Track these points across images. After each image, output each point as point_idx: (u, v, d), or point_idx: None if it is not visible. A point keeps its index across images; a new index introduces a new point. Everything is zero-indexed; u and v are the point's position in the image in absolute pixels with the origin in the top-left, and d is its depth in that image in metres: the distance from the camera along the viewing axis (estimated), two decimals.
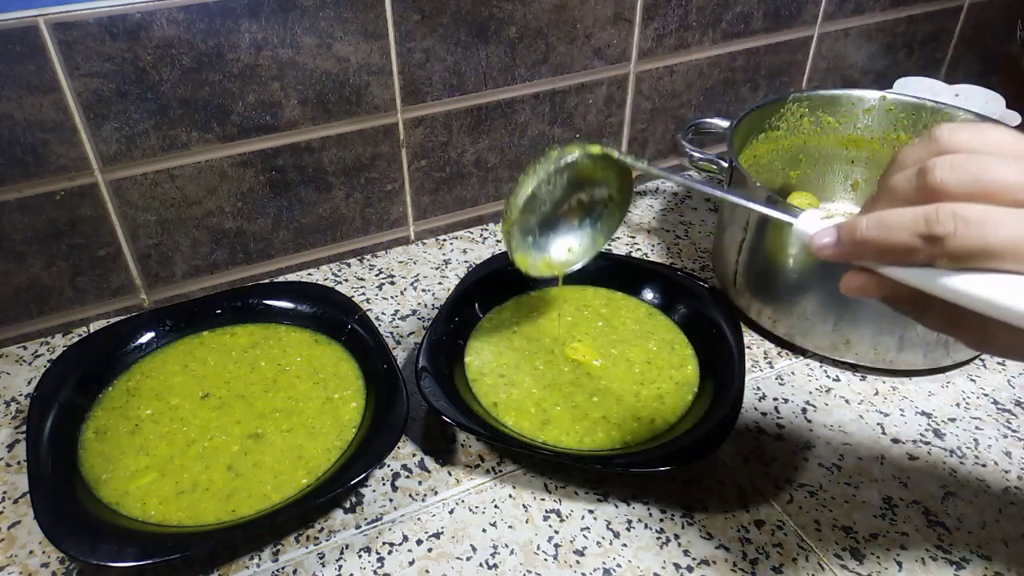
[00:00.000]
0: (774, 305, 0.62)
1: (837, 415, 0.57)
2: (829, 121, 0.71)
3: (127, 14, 0.55)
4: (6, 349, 0.64)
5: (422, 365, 0.55)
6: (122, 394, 0.56)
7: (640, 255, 0.74)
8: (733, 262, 0.64)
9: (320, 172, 0.68)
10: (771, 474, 0.53)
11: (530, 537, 0.49)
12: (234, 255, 0.69)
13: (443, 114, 0.71)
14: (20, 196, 0.58)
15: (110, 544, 0.44)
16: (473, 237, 0.77)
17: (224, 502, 0.49)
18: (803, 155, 0.74)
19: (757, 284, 0.62)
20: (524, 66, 0.72)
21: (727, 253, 0.65)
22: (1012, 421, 0.57)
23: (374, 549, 0.48)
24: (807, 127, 0.72)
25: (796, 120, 0.71)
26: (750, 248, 0.62)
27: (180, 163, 0.62)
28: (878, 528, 0.49)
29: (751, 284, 0.63)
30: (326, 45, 0.63)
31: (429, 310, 0.68)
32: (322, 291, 0.65)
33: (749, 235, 0.61)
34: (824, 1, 0.84)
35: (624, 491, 0.52)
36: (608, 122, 0.80)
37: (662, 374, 0.58)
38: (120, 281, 0.65)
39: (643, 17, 0.75)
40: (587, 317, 0.63)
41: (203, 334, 0.61)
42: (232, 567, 0.47)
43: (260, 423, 0.54)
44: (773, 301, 0.61)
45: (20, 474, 0.53)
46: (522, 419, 0.54)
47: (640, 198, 0.84)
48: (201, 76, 0.60)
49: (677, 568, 0.47)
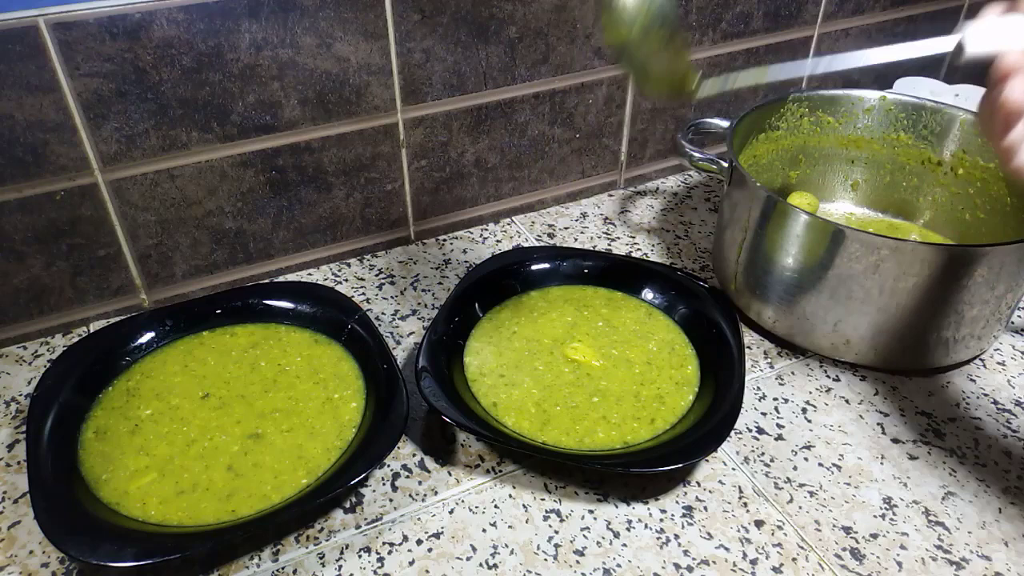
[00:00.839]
0: (774, 305, 0.62)
1: (837, 415, 0.57)
2: (829, 121, 0.71)
3: (127, 14, 0.55)
4: (6, 349, 0.64)
5: (422, 365, 0.55)
6: (122, 394, 0.56)
7: (640, 255, 0.74)
8: (733, 262, 0.64)
9: (320, 172, 0.68)
10: (771, 474, 0.53)
11: (530, 537, 0.49)
12: (234, 255, 0.69)
13: (443, 114, 0.71)
14: (20, 196, 0.58)
15: (110, 544, 0.44)
16: (473, 237, 0.77)
17: (224, 502, 0.49)
18: (803, 155, 0.74)
19: (757, 284, 0.62)
20: (524, 66, 0.72)
21: (727, 253, 0.65)
22: (1012, 421, 0.57)
23: (374, 549, 0.48)
24: (807, 127, 0.72)
25: (796, 120, 0.71)
26: (750, 248, 0.62)
27: (180, 163, 0.62)
28: (878, 528, 0.49)
29: (751, 284, 0.63)
30: (326, 45, 0.63)
31: (429, 310, 0.68)
32: (322, 291, 0.65)
33: (749, 235, 0.61)
34: (824, 1, 0.84)
35: (624, 491, 0.52)
36: (608, 122, 0.80)
37: (662, 374, 0.58)
38: (120, 281, 0.65)
39: None
40: (587, 317, 0.63)
41: (203, 334, 0.61)
42: (232, 567, 0.47)
43: (260, 423, 0.54)
44: (773, 301, 0.62)
45: (20, 474, 0.53)
46: (522, 419, 0.54)
47: (640, 198, 0.84)
48: (201, 76, 0.60)
49: (677, 568, 0.47)
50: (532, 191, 0.80)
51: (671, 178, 0.88)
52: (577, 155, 0.80)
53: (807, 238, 0.57)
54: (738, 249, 0.63)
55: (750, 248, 0.62)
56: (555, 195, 0.82)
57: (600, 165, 0.83)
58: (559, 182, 0.81)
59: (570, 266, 0.67)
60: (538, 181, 0.80)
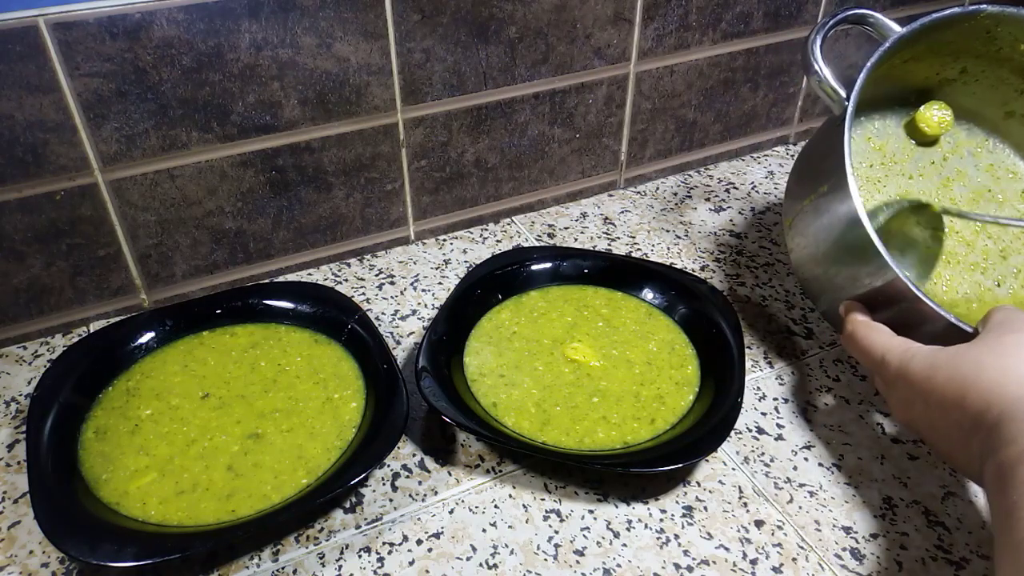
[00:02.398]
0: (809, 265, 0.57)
1: (837, 415, 0.57)
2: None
3: (127, 14, 0.55)
4: (6, 349, 0.64)
5: (422, 365, 0.55)
6: (122, 394, 0.56)
7: (640, 255, 0.74)
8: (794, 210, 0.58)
9: (320, 172, 0.68)
10: (771, 474, 0.53)
11: (530, 537, 0.49)
12: (234, 255, 0.69)
13: (443, 114, 0.71)
14: (20, 196, 0.58)
15: (110, 544, 0.44)
16: (473, 237, 0.77)
17: (224, 502, 0.49)
18: (969, 63, 0.60)
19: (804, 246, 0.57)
20: (524, 66, 0.72)
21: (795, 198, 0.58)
22: None
23: (374, 549, 0.48)
24: (988, 48, 0.58)
25: (982, 39, 0.57)
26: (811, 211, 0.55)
27: (180, 163, 0.62)
28: (878, 528, 0.49)
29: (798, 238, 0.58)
30: (326, 45, 0.63)
31: (429, 310, 0.68)
32: (322, 291, 0.65)
33: (815, 200, 0.55)
34: (824, 1, 0.84)
35: (624, 491, 0.52)
36: (608, 122, 0.80)
37: (662, 374, 0.58)
38: (120, 281, 0.65)
39: (643, 17, 0.75)
40: (587, 317, 0.63)
41: (203, 334, 0.61)
42: (232, 567, 0.47)
43: (260, 423, 0.54)
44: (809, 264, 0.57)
45: (20, 474, 0.53)
46: (522, 419, 0.54)
47: (640, 198, 0.84)
48: (201, 76, 0.60)
49: (677, 568, 0.47)
50: (532, 191, 0.80)
51: (671, 178, 0.88)
52: (577, 155, 0.80)
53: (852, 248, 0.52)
54: (805, 201, 0.56)
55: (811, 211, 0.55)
56: (555, 195, 0.82)
57: (600, 165, 0.83)
58: (559, 182, 0.81)
59: (570, 266, 0.67)
60: (538, 181, 0.80)
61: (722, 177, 0.88)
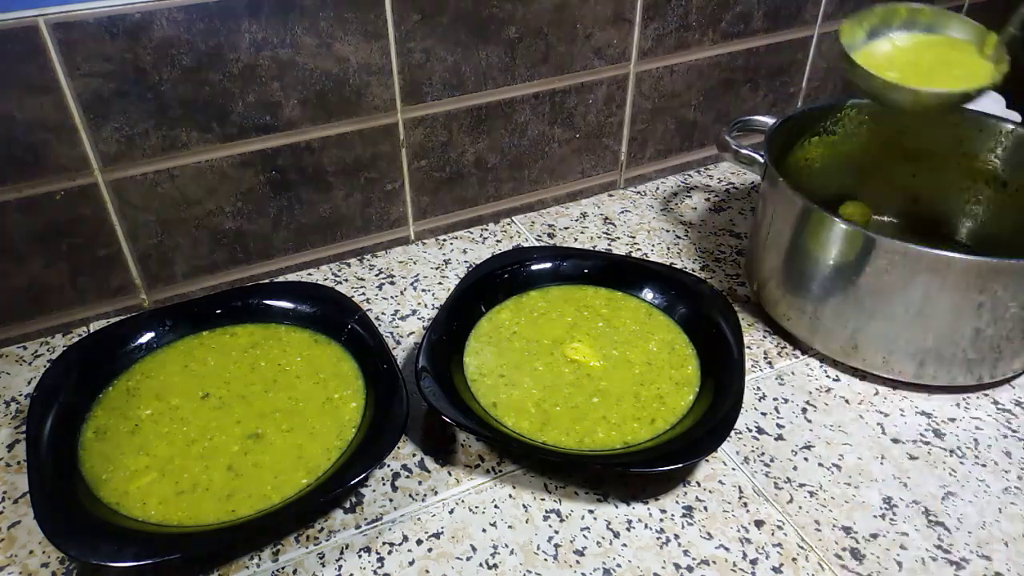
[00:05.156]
0: (789, 300, 0.61)
1: (837, 415, 0.57)
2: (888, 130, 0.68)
3: (127, 14, 0.55)
4: (6, 349, 0.64)
5: (422, 365, 0.55)
6: (122, 394, 0.56)
7: (640, 255, 0.74)
8: (759, 256, 0.64)
9: (320, 172, 0.68)
10: (771, 474, 0.53)
11: (530, 537, 0.49)
12: (234, 255, 0.69)
13: (443, 114, 0.71)
14: (20, 196, 0.58)
15: (110, 544, 0.44)
16: (473, 237, 0.77)
17: (224, 502, 0.49)
18: (861, 164, 0.70)
19: (779, 281, 0.62)
20: (524, 66, 0.72)
21: (758, 251, 0.64)
22: (1012, 421, 0.57)
23: (374, 549, 0.48)
24: (865, 135, 0.68)
25: (854, 127, 0.68)
26: (774, 245, 0.61)
27: (180, 163, 0.62)
28: (878, 528, 0.49)
29: (772, 279, 0.63)
30: (326, 45, 0.63)
31: (429, 310, 0.68)
32: (322, 291, 0.65)
33: (772, 232, 0.61)
34: (824, 1, 0.84)
35: (624, 491, 0.52)
36: (608, 122, 0.80)
37: (662, 374, 0.58)
38: (120, 281, 0.65)
39: (643, 17, 0.75)
40: (587, 317, 0.63)
41: (203, 334, 0.61)
42: (232, 567, 0.47)
43: (260, 423, 0.54)
44: (790, 298, 0.61)
45: (20, 474, 0.53)
46: (522, 419, 0.54)
47: (640, 198, 0.84)
48: (201, 76, 0.60)
49: (677, 568, 0.47)
50: (532, 191, 0.80)
51: (671, 178, 0.88)
52: (577, 155, 0.80)
53: (835, 244, 0.56)
54: (763, 244, 0.63)
55: (774, 245, 0.61)
56: (555, 195, 0.82)
57: (600, 165, 0.83)
58: (559, 182, 0.81)
59: (570, 266, 0.67)
60: (538, 181, 0.80)
61: (722, 177, 0.88)
